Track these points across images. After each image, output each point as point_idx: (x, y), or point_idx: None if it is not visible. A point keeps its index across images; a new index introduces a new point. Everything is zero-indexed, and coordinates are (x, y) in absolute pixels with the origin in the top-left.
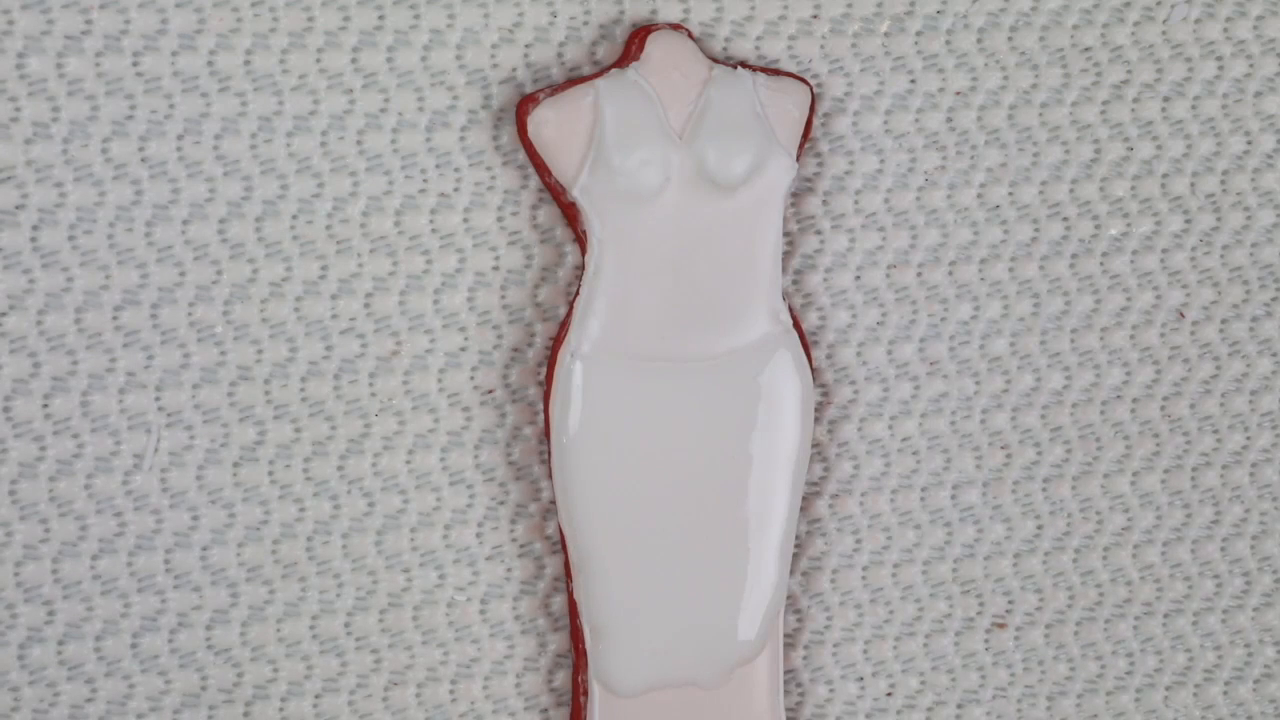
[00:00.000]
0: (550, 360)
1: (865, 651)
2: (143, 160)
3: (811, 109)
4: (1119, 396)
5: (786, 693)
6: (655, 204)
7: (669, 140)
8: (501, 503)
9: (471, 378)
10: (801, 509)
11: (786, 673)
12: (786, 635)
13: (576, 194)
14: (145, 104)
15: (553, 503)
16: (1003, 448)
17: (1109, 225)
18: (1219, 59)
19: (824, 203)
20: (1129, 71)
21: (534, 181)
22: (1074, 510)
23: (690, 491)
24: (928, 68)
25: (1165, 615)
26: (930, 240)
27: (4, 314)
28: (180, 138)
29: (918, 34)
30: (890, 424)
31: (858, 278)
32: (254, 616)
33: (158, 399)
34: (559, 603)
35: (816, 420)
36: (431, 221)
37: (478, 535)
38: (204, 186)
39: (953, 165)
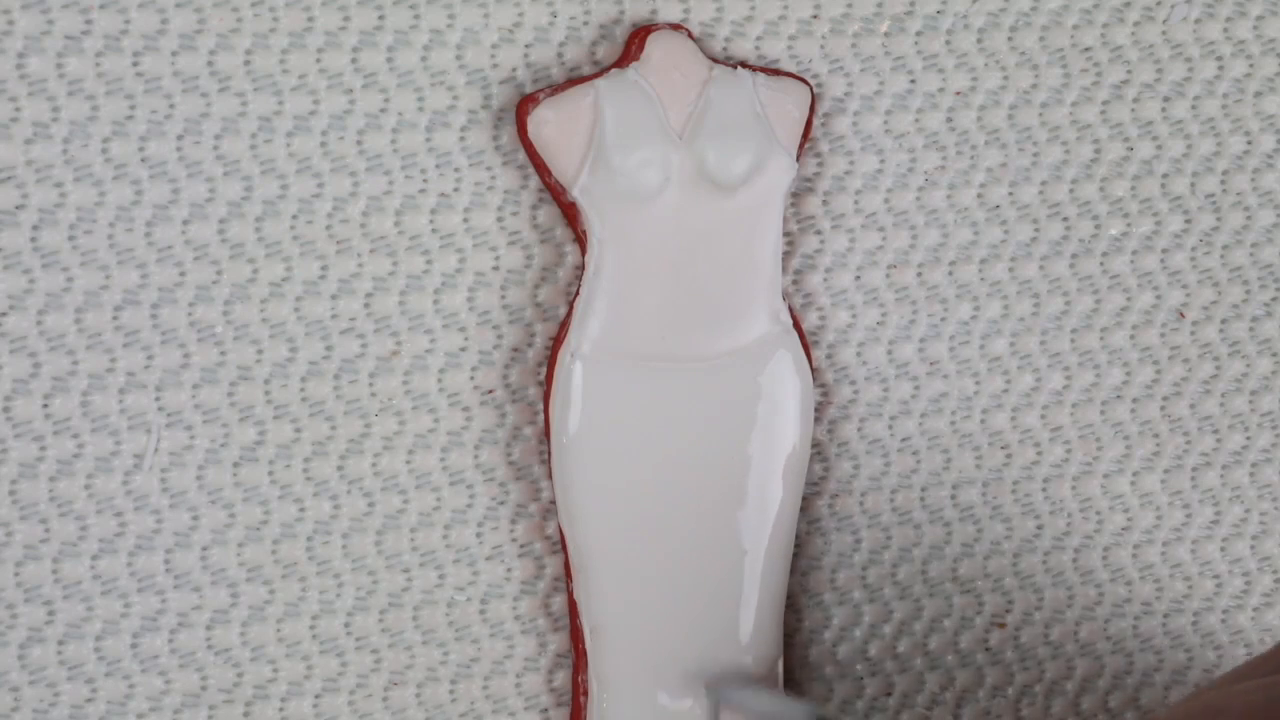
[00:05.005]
0: (550, 360)
1: (864, 650)
2: (143, 160)
3: (811, 109)
4: (1119, 396)
5: (786, 691)
6: (655, 204)
7: (669, 140)
8: (501, 503)
9: (471, 378)
10: (801, 509)
11: (785, 672)
12: (786, 634)
13: (576, 194)
14: (145, 104)
15: (553, 503)
16: (1003, 447)
17: (1109, 225)
18: (1219, 59)
19: (824, 203)
20: (1129, 71)
21: (534, 181)
22: (1074, 510)
23: (690, 491)
24: (928, 68)
25: (1165, 615)
26: (930, 240)
27: (4, 314)
28: (180, 138)
29: (918, 34)
30: (890, 424)
31: (858, 278)
32: (254, 616)
33: (158, 399)
34: (559, 603)
35: (816, 420)
36: (431, 221)
37: (478, 535)
38: (204, 186)
39: (953, 165)
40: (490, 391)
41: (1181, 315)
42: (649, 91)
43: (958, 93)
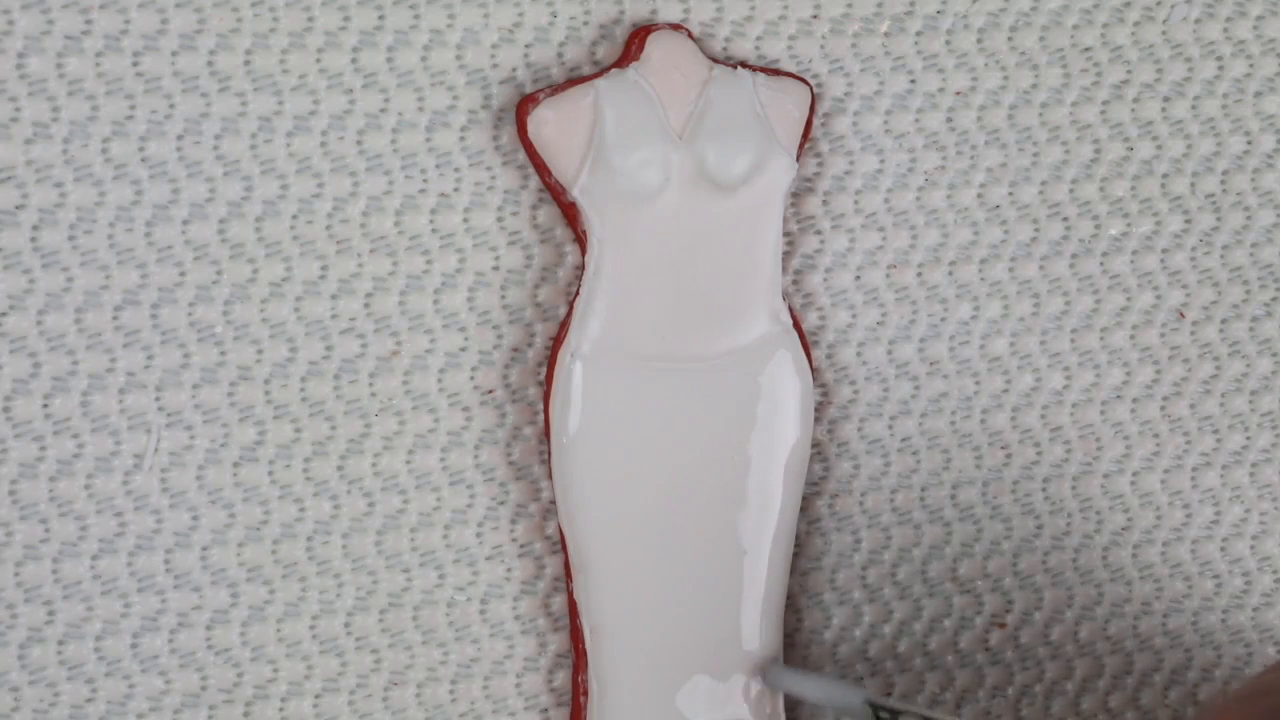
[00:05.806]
0: (550, 360)
1: (864, 650)
2: (143, 160)
3: (811, 109)
4: (1119, 396)
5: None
6: (655, 204)
7: (669, 140)
8: (501, 503)
9: (471, 378)
10: (801, 509)
11: None
12: (786, 634)
13: (576, 194)
14: (145, 104)
15: (553, 503)
16: (1002, 447)
17: (1109, 225)
18: (1219, 59)
19: (824, 203)
20: (1129, 71)
21: (534, 181)
22: (1073, 510)
23: (690, 491)
24: (928, 68)
25: (1164, 615)
26: (930, 240)
27: (4, 314)
28: (180, 138)
29: (918, 34)
30: (890, 424)
31: (858, 278)
32: (254, 616)
33: (158, 399)
34: (559, 603)
35: (816, 420)
36: (431, 221)
37: (478, 535)
38: (204, 186)
39: (953, 165)
40: (490, 391)
41: (1181, 315)
42: (649, 91)
43: (958, 93)
